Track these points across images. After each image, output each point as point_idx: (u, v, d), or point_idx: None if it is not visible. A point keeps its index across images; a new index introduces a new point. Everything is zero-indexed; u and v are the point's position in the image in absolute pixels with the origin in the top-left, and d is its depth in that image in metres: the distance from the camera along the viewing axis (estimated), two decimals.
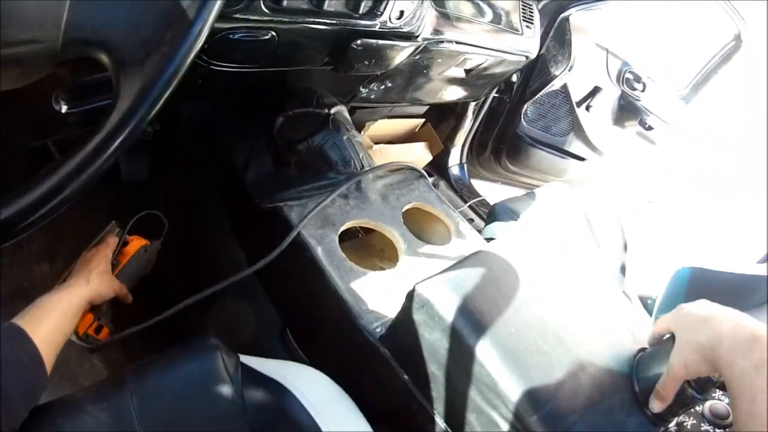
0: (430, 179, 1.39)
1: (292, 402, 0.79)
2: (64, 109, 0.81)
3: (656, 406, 0.70)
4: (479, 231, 1.33)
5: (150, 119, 0.60)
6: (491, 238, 1.25)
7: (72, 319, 0.87)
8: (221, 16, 0.82)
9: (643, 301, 1.53)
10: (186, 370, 0.78)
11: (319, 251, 0.99)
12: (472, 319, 0.73)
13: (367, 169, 1.17)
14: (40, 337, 0.73)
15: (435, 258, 1.09)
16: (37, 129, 0.90)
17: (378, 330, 0.89)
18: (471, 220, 2.00)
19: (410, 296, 0.77)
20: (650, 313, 1.39)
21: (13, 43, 0.53)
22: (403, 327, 0.80)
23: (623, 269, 1.46)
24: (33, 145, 0.97)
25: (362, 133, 1.79)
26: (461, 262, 0.81)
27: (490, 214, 1.34)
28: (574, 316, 0.79)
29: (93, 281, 0.95)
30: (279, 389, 0.79)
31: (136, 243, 1.12)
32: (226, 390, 0.75)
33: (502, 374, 0.68)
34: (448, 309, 0.74)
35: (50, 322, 0.79)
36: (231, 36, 0.84)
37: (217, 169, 1.35)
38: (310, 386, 0.83)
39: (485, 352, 0.70)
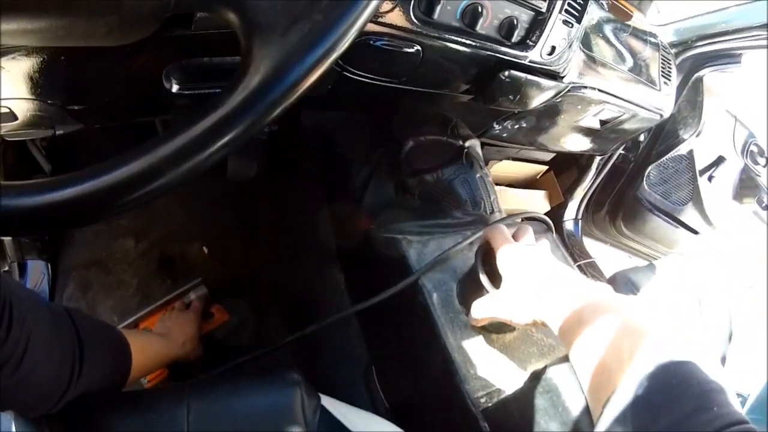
0: None
1: None
2: (174, 88, 0.70)
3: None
4: None
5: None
6: None
7: (157, 366, 0.95)
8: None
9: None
10: (256, 400, 0.67)
11: (435, 298, 0.84)
12: None
13: (497, 214, 1.02)
14: (135, 362, 0.75)
15: None
16: (141, 104, 0.81)
17: (483, 401, 0.73)
18: None
19: (536, 377, 0.64)
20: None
21: None
22: (518, 409, 0.67)
23: (723, 360, 1.37)
24: (137, 121, 0.89)
25: None
26: None
27: (611, 282, 1.24)
28: None
29: (187, 345, 1.05)
30: None
31: (219, 317, 1.24)
32: (294, 428, 0.65)
33: None
34: (576, 400, 0.61)
35: (145, 357, 0.82)
36: (372, 42, 0.74)
37: (332, 185, 1.25)
38: None
39: None
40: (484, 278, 0.74)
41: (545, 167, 1.96)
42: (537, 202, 1.94)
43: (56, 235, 1.28)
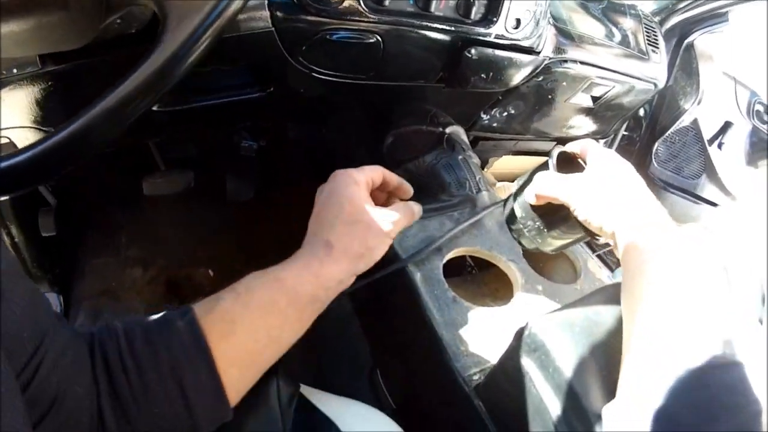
0: None
1: None
2: (154, 106, 0.73)
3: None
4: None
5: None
6: None
7: (309, 319, 0.57)
8: (317, 14, 0.72)
9: None
10: None
11: (418, 277, 0.80)
12: (600, 379, 0.52)
13: (484, 193, 0.97)
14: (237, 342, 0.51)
15: (559, 297, 0.86)
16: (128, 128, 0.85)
17: (476, 378, 0.70)
18: None
19: (519, 335, 0.58)
20: None
21: None
22: (505, 374, 0.61)
23: (761, 322, 1.31)
24: (129, 145, 0.91)
25: (485, 170, 1.62)
26: (590, 297, 0.61)
27: None
28: None
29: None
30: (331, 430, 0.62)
31: None
32: (269, 416, 0.59)
33: None
34: (569, 358, 0.54)
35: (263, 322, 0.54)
36: (329, 36, 0.74)
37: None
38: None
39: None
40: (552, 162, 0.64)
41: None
42: None
43: (68, 268, 1.30)
